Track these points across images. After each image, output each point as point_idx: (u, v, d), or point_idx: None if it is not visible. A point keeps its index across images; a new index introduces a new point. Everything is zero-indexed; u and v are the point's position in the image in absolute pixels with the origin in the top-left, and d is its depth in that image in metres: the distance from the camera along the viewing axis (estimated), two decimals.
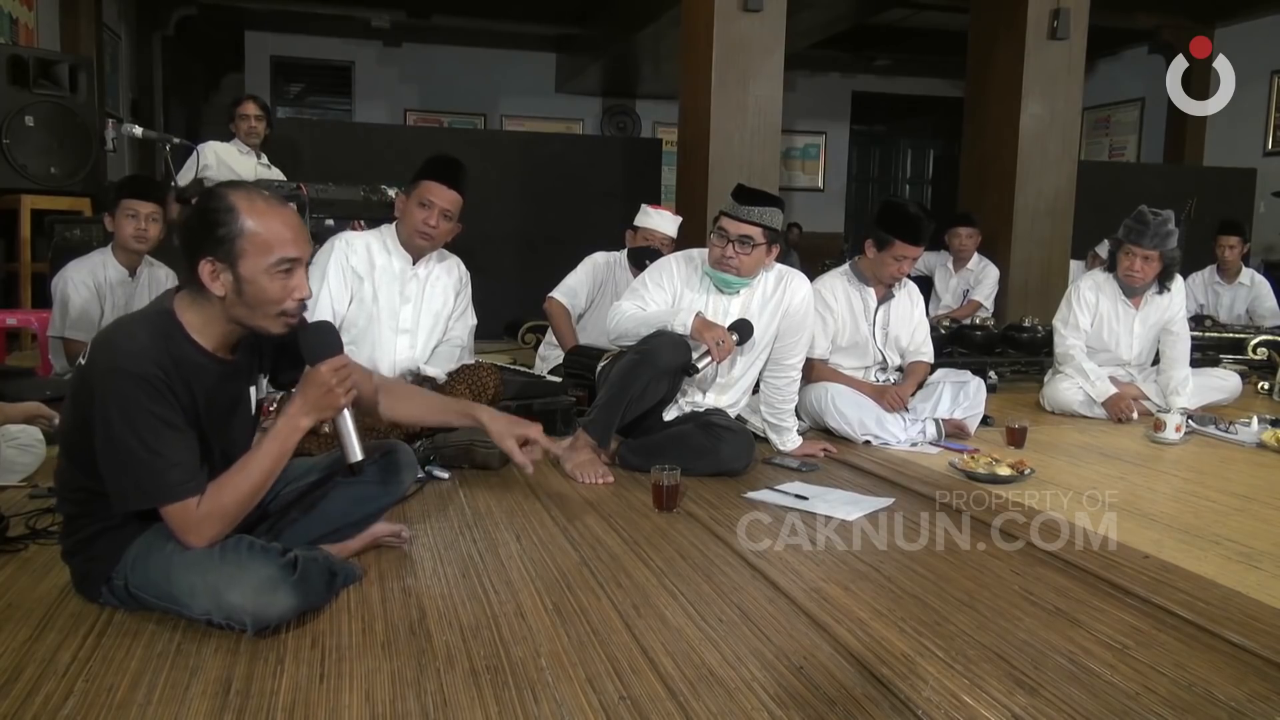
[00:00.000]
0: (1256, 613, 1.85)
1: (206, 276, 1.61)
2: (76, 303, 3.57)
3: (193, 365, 1.64)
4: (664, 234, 4.08)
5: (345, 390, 1.73)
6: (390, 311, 3.07)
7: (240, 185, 1.71)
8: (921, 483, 2.83)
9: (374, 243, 3.09)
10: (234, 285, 1.62)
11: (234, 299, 1.63)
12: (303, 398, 1.70)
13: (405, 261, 3.09)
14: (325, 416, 1.73)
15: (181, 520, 1.61)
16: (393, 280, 3.08)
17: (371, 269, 3.05)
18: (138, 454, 1.56)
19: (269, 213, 1.64)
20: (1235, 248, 5.72)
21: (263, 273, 1.62)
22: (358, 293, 3.04)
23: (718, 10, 5.21)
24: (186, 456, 1.61)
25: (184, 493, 1.60)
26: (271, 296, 1.64)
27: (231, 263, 1.61)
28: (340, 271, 3.02)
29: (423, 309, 3.13)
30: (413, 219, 3.00)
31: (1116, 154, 11.14)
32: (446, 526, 2.32)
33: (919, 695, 1.47)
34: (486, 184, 6.64)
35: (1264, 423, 3.65)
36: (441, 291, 3.18)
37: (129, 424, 1.55)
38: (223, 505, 1.63)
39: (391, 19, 9.75)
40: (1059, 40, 5.79)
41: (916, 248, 3.39)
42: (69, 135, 5.48)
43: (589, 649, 1.62)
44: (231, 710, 1.38)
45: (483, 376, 3.14)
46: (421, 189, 2.99)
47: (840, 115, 12.46)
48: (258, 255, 1.61)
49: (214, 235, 1.60)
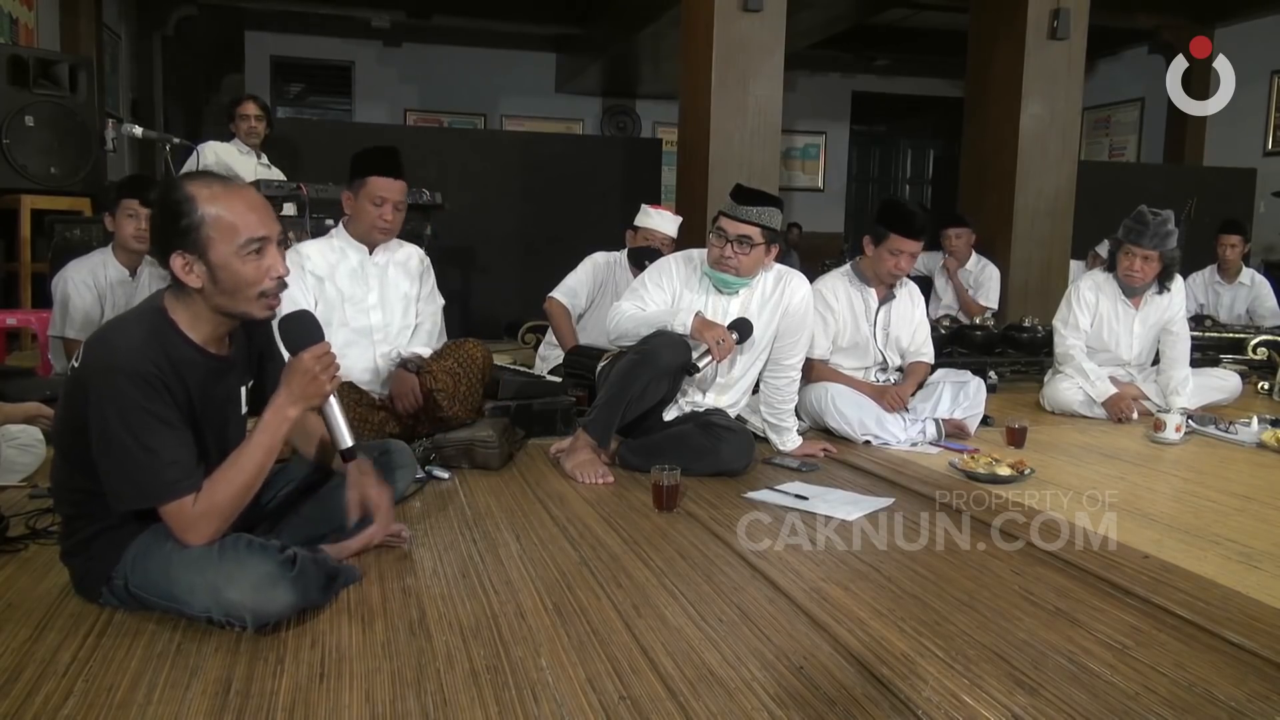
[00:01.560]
0: (1256, 613, 1.85)
1: (180, 271, 1.61)
2: (76, 303, 3.57)
3: (186, 361, 1.64)
4: (664, 234, 4.08)
5: (329, 377, 1.73)
6: (357, 299, 3.07)
7: (197, 174, 1.69)
8: (921, 483, 2.83)
9: (324, 246, 3.09)
10: (208, 275, 1.61)
11: (211, 289, 1.62)
12: (288, 388, 1.70)
13: (362, 252, 3.08)
14: (312, 404, 1.73)
15: (179, 519, 1.61)
16: (353, 271, 3.07)
17: (331, 268, 3.05)
18: (134, 453, 1.56)
19: (228, 195, 1.62)
20: (1236, 247, 5.72)
21: (234, 256, 1.61)
22: (320, 295, 3.02)
23: (718, 10, 5.20)
24: (183, 454, 1.60)
25: (180, 491, 1.60)
26: (247, 279, 1.63)
27: (200, 252, 1.60)
28: (299, 281, 2.95)
29: (387, 295, 3.12)
30: (368, 216, 3.00)
31: (1116, 154, 11.14)
32: (446, 526, 2.32)
33: (919, 695, 1.47)
34: (486, 184, 6.65)
35: (1264, 423, 3.64)
36: (405, 275, 3.17)
37: (125, 423, 1.55)
38: (217, 502, 1.63)
39: (391, 19, 9.75)
40: (1059, 40, 5.78)
41: (912, 241, 3.38)
42: (69, 135, 5.48)
43: (589, 649, 1.62)
44: (231, 710, 1.38)
45: (469, 350, 3.16)
46: (370, 186, 2.98)
47: (840, 115, 12.46)
48: (224, 240, 1.60)
49: (178, 228, 1.59)
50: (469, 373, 3.10)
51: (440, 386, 2.98)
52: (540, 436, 3.29)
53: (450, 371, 3.05)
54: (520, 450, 3.14)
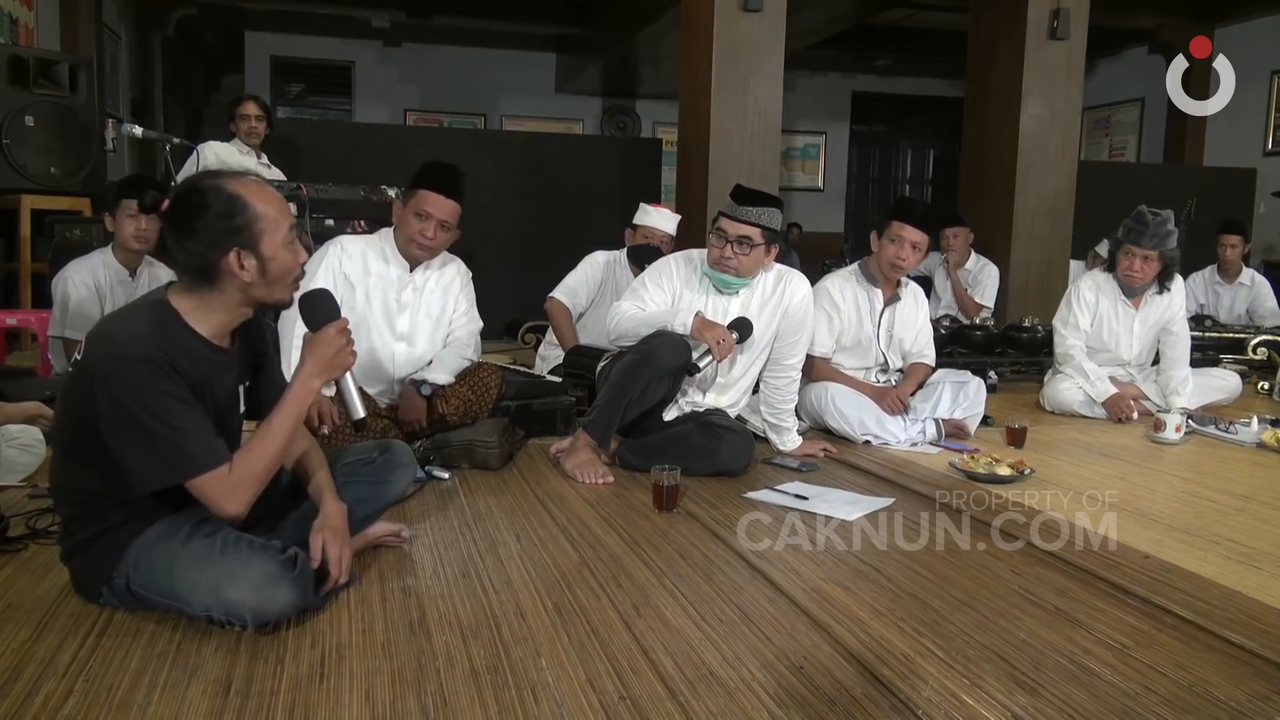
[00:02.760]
0: (1256, 613, 1.85)
1: (232, 267, 1.66)
2: (76, 302, 3.57)
3: (191, 352, 1.65)
4: (663, 232, 4.09)
5: (352, 350, 1.83)
6: (387, 318, 2.99)
7: (221, 172, 1.75)
8: (921, 483, 2.83)
9: (371, 250, 2.99)
10: (258, 267, 1.68)
11: (258, 280, 1.69)
12: (313, 359, 1.77)
13: (403, 268, 2.99)
14: (334, 375, 1.82)
15: (216, 488, 1.63)
16: (389, 287, 2.98)
17: (366, 276, 2.96)
18: (159, 432, 1.57)
19: (263, 191, 1.71)
20: (1237, 247, 5.72)
21: (281, 247, 1.70)
22: (348, 300, 2.90)
23: (718, 10, 5.21)
24: (204, 429, 1.63)
25: (213, 461, 1.63)
26: (289, 266, 1.73)
27: (254, 246, 1.67)
28: (330, 275, 2.91)
29: (420, 315, 3.03)
30: (409, 229, 2.91)
31: (1116, 154, 11.14)
32: (446, 526, 2.32)
33: (919, 695, 1.47)
34: (486, 184, 6.64)
35: (1264, 423, 3.64)
36: (441, 296, 3.08)
37: (143, 405, 1.56)
38: (254, 469, 1.68)
39: (391, 19, 9.75)
40: (1059, 40, 5.78)
41: (911, 227, 3.36)
42: (69, 135, 5.48)
43: (589, 649, 1.62)
44: (231, 710, 1.38)
45: (485, 377, 3.11)
46: (418, 199, 2.89)
47: (840, 115, 12.46)
48: (274, 232, 1.69)
49: (232, 226, 1.65)
50: (481, 399, 3.06)
51: (451, 411, 2.95)
52: (540, 436, 3.29)
53: (463, 398, 3.00)
54: (520, 450, 3.14)
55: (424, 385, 2.95)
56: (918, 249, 3.40)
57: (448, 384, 3.00)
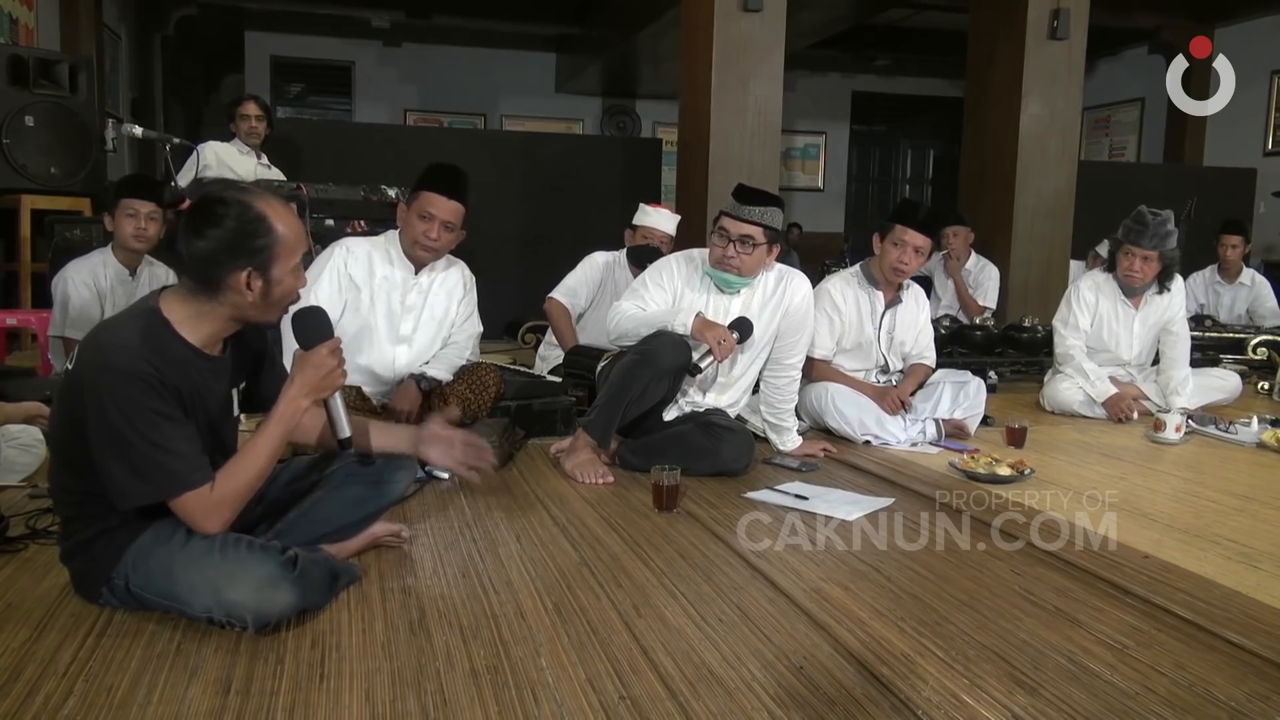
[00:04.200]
0: (1256, 613, 1.85)
1: (242, 285, 1.64)
2: (76, 302, 3.57)
3: (181, 361, 1.65)
4: (663, 232, 4.08)
5: (342, 370, 1.80)
6: (390, 321, 3.01)
7: (251, 189, 1.74)
8: (921, 483, 2.83)
9: (376, 252, 3.01)
10: (263, 289, 1.67)
11: (259, 300, 1.68)
12: (302, 379, 1.75)
13: (407, 271, 3.01)
14: (323, 395, 1.79)
15: (196, 508, 1.63)
16: (393, 289, 3.00)
17: (371, 278, 2.98)
18: (143, 450, 1.57)
19: (285, 214, 1.70)
20: (1238, 247, 5.72)
21: (289, 273, 1.70)
22: (353, 302, 2.95)
23: (718, 10, 5.21)
24: (190, 447, 1.62)
25: (195, 481, 1.62)
26: (290, 291, 1.72)
27: (265, 269, 1.65)
28: (335, 278, 2.93)
29: (423, 317, 3.05)
30: (413, 230, 2.93)
31: (1116, 154, 11.14)
32: (446, 526, 2.32)
33: (919, 695, 1.47)
34: (486, 184, 6.63)
35: (1264, 423, 3.64)
36: (444, 299, 3.10)
37: (130, 422, 1.56)
38: (235, 488, 1.67)
39: (391, 19, 9.75)
40: (1059, 40, 5.78)
41: (913, 231, 3.35)
42: (69, 135, 5.48)
43: (589, 649, 1.62)
44: (231, 710, 1.38)
45: (483, 376, 3.12)
46: (422, 200, 2.91)
47: (840, 115, 12.45)
48: (287, 258, 1.68)
49: (252, 246, 1.64)
50: (479, 398, 3.07)
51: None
52: (540, 436, 3.29)
53: (461, 396, 3.02)
54: (520, 450, 3.14)
55: (423, 379, 2.99)
56: (920, 253, 3.40)
57: (446, 380, 3.04)
